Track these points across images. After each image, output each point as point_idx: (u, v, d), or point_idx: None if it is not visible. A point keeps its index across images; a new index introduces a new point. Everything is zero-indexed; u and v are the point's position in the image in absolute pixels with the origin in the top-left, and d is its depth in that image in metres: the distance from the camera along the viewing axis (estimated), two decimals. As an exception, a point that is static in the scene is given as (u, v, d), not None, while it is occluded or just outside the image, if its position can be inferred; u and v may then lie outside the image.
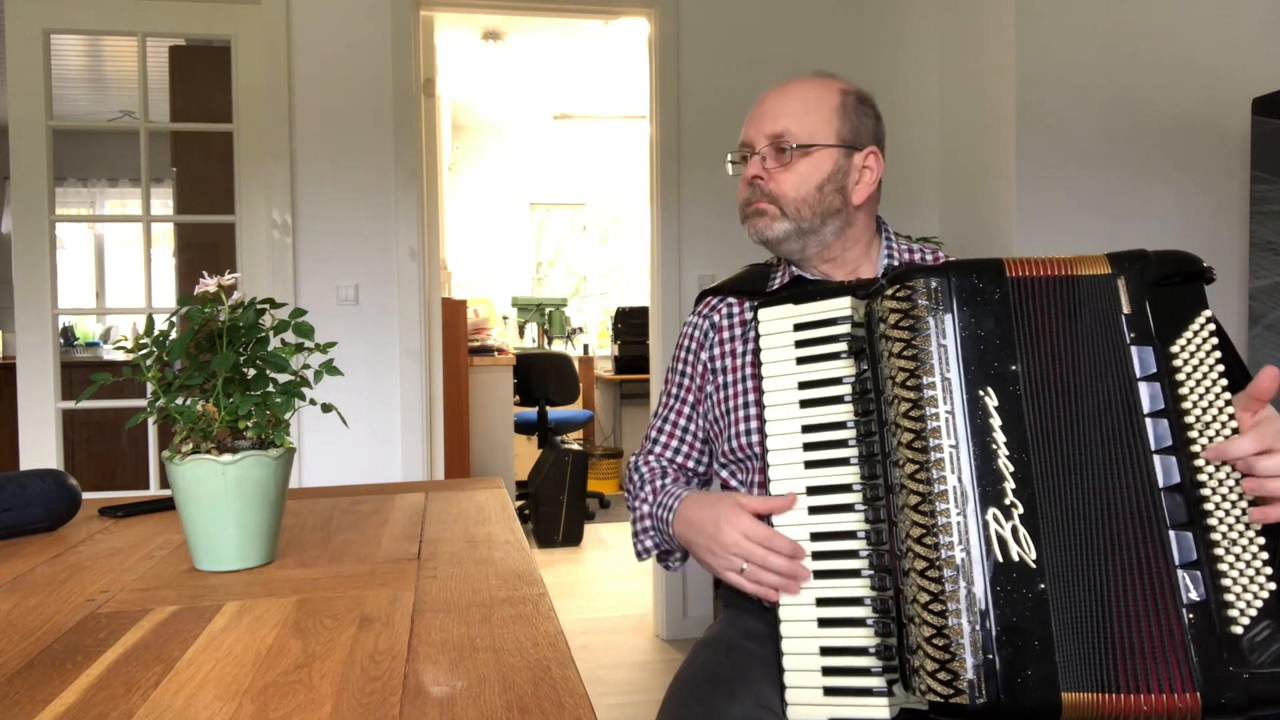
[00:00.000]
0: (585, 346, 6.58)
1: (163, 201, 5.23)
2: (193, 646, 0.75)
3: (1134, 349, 0.91)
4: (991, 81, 2.86)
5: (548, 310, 6.18)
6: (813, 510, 1.02)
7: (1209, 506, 0.88)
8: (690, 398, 1.35)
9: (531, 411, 5.14)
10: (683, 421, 1.36)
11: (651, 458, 1.37)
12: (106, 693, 0.66)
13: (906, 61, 3.23)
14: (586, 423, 5.53)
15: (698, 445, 1.36)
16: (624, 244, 6.97)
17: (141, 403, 2.80)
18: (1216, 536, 0.88)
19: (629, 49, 5.09)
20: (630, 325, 5.65)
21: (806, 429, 1.03)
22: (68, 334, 5.73)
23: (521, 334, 6.40)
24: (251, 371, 0.98)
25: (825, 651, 0.98)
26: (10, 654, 0.74)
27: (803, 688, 0.99)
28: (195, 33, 2.98)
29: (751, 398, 1.25)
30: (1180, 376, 0.90)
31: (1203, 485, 0.89)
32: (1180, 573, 0.87)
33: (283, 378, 0.99)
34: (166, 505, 1.32)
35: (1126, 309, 0.92)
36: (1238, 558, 0.87)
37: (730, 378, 1.29)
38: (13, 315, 2.82)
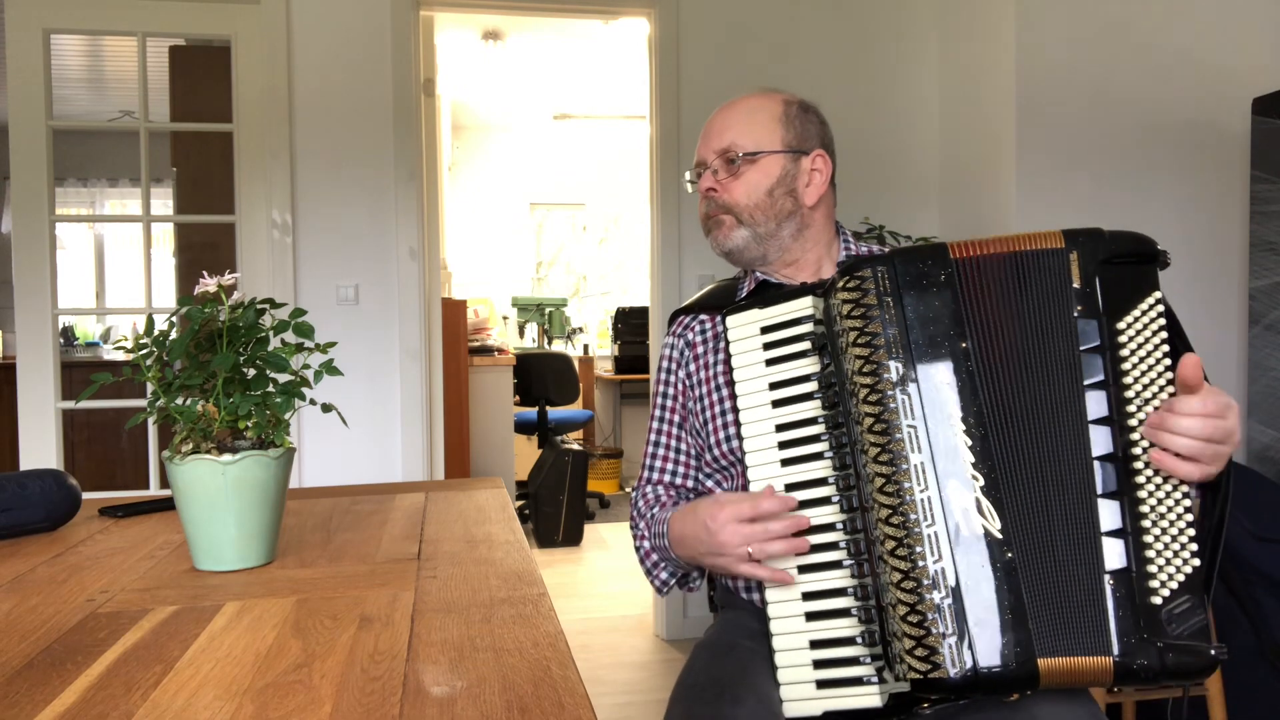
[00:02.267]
0: (585, 346, 6.58)
1: (163, 201, 5.24)
2: (193, 646, 0.75)
3: (1079, 321, 0.93)
4: (991, 81, 2.86)
5: (548, 310, 6.17)
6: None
7: (1140, 480, 0.90)
8: (676, 418, 1.37)
9: (531, 411, 5.14)
10: (673, 443, 1.37)
11: (648, 487, 1.37)
12: (106, 693, 0.66)
13: (907, 61, 3.23)
14: (586, 423, 5.53)
15: (692, 464, 1.36)
16: (624, 244, 6.96)
17: (141, 403, 2.80)
18: (1145, 509, 0.89)
19: (629, 49, 5.09)
20: (630, 325, 5.65)
21: (780, 428, 1.05)
22: (68, 334, 5.73)
23: (521, 334, 6.40)
24: (251, 371, 0.98)
25: (815, 645, 1.00)
26: (10, 654, 0.74)
27: (796, 683, 1.00)
28: (195, 33, 2.98)
29: (728, 404, 1.26)
30: (1124, 353, 0.92)
31: (1136, 459, 0.90)
32: (1104, 540, 0.89)
33: (283, 378, 0.99)
34: (166, 505, 1.32)
35: (1076, 283, 0.94)
36: (1164, 530, 0.89)
37: (707, 389, 1.30)
38: (13, 315, 2.82)
